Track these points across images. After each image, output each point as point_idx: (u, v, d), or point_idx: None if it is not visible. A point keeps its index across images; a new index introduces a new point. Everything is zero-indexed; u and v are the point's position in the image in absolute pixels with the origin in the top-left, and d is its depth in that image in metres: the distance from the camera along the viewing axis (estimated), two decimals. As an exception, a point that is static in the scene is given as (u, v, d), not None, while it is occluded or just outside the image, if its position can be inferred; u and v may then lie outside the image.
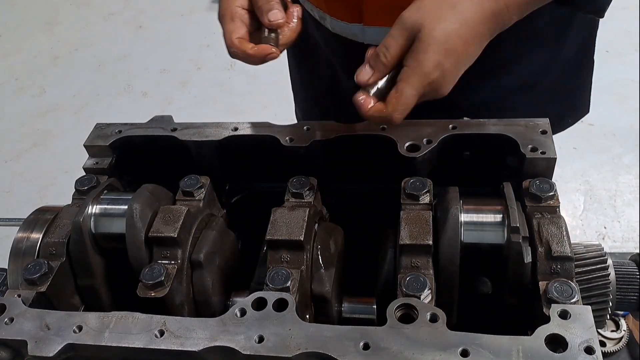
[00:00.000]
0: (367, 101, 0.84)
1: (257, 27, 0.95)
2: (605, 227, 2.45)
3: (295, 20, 0.96)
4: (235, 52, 0.93)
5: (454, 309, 0.82)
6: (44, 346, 0.71)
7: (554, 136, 0.93)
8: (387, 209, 0.91)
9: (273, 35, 0.94)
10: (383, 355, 0.65)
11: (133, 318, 0.73)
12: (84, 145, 1.07)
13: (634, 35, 3.45)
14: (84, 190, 0.98)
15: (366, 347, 0.66)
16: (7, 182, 3.17)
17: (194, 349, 0.69)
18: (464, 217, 0.84)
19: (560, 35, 1.19)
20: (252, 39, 0.94)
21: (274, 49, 0.92)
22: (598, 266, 0.84)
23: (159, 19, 4.24)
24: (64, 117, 3.62)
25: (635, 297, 0.87)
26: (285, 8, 0.96)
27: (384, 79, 0.85)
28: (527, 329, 0.66)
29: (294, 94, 1.60)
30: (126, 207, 0.89)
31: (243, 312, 0.72)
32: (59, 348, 0.71)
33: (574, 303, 0.71)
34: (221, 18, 0.96)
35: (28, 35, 4.45)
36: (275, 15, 0.92)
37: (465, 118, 0.99)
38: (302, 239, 0.82)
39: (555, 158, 0.90)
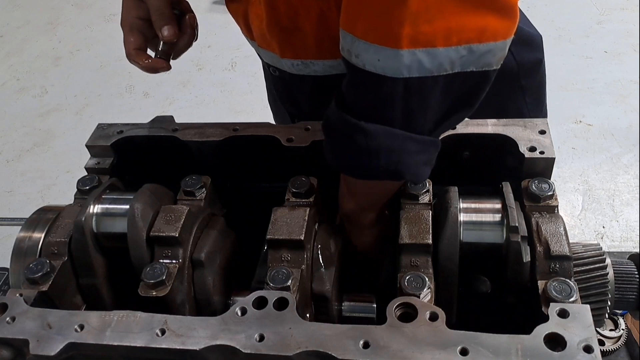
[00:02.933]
0: None
1: (155, 34, 1.03)
2: (603, 227, 2.45)
3: (189, 31, 1.05)
4: (132, 62, 1.04)
5: (454, 307, 0.82)
6: (46, 345, 0.72)
7: (552, 136, 0.94)
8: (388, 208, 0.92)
9: (165, 48, 1.03)
10: (383, 353, 0.65)
11: (134, 317, 0.73)
12: (86, 145, 1.07)
13: (633, 36, 3.45)
14: (86, 190, 0.99)
15: (366, 345, 0.66)
16: (8, 181, 3.17)
17: (195, 348, 0.69)
18: (463, 217, 0.84)
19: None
20: (151, 45, 1.05)
21: (164, 64, 1.03)
22: (596, 265, 0.84)
23: (159, 20, 4.23)
24: (66, 117, 3.62)
25: (633, 296, 0.88)
26: (182, 15, 1.04)
27: None
28: (526, 328, 0.67)
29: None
30: (128, 206, 0.89)
31: (244, 311, 0.72)
32: (61, 347, 0.71)
33: (573, 302, 0.72)
34: (122, 27, 1.04)
35: (30, 36, 4.46)
36: (168, 30, 1.00)
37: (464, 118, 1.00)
38: (302, 238, 0.82)
39: (554, 158, 0.90)
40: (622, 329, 1.19)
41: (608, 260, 0.86)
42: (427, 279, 0.76)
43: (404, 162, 0.75)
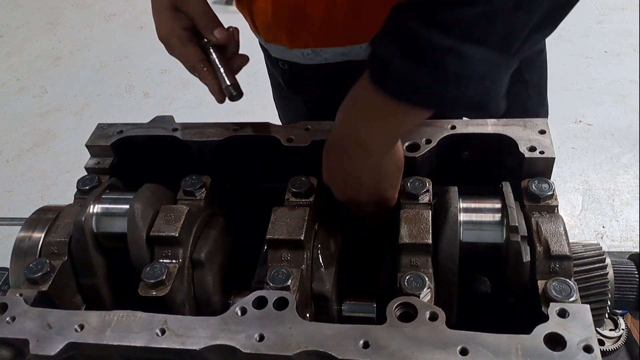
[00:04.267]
0: None
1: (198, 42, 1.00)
2: (603, 227, 2.45)
3: (235, 38, 1.01)
4: (199, 76, 1.00)
5: (454, 307, 0.82)
6: (46, 345, 0.72)
7: (552, 136, 0.94)
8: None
9: (231, 87, 1.01)
10: (383, 353, 0.65)
11: (134, 317, 0.73)
12: (86, 145, 1.07)
13: (633, 36, 3.45)
14: (86, 190, 0.98)
15: (366, 345, 0.66)
16: (8, 181, 3.17)
17: (195, 348, 0.69)
18: (463, 217, 0.84)
19: None
20: None
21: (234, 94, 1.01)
22: (596, 265, 0.84)
23: (159, 20, 4.23)
24: (66, 117, 3.62)
25: (633, 296, 0.88)
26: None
27: None
28: (526, 328, 0.67)
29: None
30: (128, 206, 0.89)
31: (244, 311, 0.72)
32: (61, 347, 0.71)
33: (573, 302, 0.72)
34: (166, 40, 1.00)
35: (30, 36, 4.45)
36: (220, 32, 0.97)
37: (464, 118, 1.00)
38: (302, 238, 0.82)
39: (554, 158, 0.90)
40: (622, 329, 1.19)
41: (608, 260, 0.86)
42: (427, 279, 0.76)
43: (493, 91, 0.66)
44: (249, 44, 1.15)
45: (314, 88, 1.16)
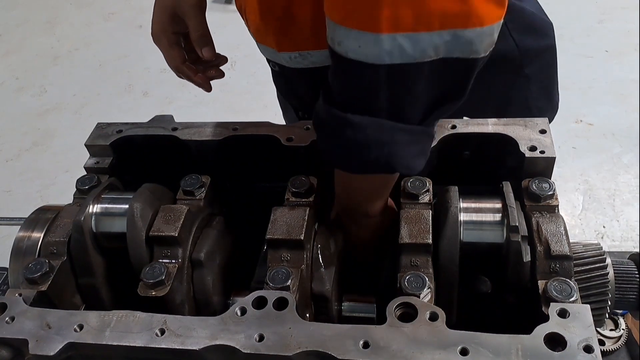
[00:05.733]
0: None
1: (189, 49, 1.11)
2: (604, 227, 2.45)
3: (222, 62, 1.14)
4: (181, 75, 1.12)
5: (454, 307, 0.82)
6: (45, 345, 0.72)
7: (553, 135, 0.94)
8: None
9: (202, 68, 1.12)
10: (383, 353, 0.65)
11: (134, 317, 0.73)
12: (85, 145, 1.07)
13: (634, 35, 3.45)
14: (85, 190, 0.98)
15: (366, 345, 0.66)
16: (7, 181, 3.16)
17: (194, 348, 0.69)
18: (463, 217, 0.84)
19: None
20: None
21: (209, 81, 1.13)
22: (597, 265, 0.84)
23: (159, 19, 4.22)
24: (65, 117, 3.61)
25: (634, 296, 0.87)
26: None
27: None
28: (526, 328, 0.67)
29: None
30: (127, 206, 0.89)
31: (243, 311, 0.72)
32: (60, 347, 0.71)
33: (573, 302, 0.71)
34: (157, 38, 1.10)
35: (28, 35, 4.45)
36: (209, 52, 1.07)
37: (464, 118, 1.00)
38: (302, 238, 0.82)
39: (555, 157, 0.90)
40: (623, 329, 1.18)
41: (608, 260, 0.86)
42: (427, 279, 0.76)
43: (395, 154, 0.74)
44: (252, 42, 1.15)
45: (302, 92, 1.18)
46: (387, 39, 0.64)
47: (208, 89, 1.16)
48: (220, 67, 1.18)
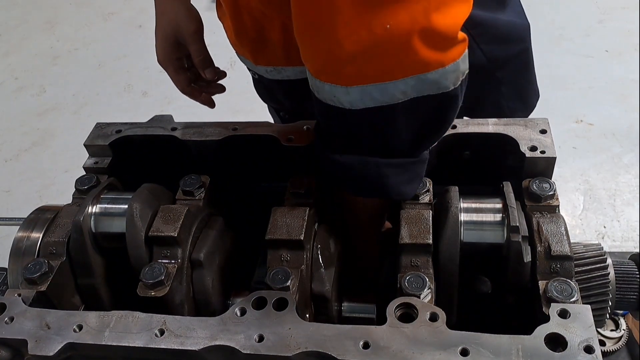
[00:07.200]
0: None
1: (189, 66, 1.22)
2: (604, 227, 2.45)
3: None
4: (189, 96, 1.25)
5: (454, 308, 0.82)
6: (44, 345, 0.71)
7: (553, 135, 0.94)
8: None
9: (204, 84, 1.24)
10: (383, 354, 0.65)
11: (133, 317, 0.73)
12: (84, 145, 1.07)
13: (634, 35, 3.45)
14: (84, 190, 0.98)
15: (366, 346, 0.66)
16: (6, 181, 3.16)
17: (194, 348, 0.69)
18: (463, 217, 0.84)
19: None
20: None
21: (212, 99, 1.28)
22: (597, 265, 0.84)
23: (158, 19, 4.22)
24: (64, 117, 3.61)
25: (634, 297, 0.87)
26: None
27: None
28: (526, 328, 0.66)
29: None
30: (126, 206, 0.89)
31: (243, 312, 0.72)
32: (59, 347, 0.71)
33: (574, 302, 0.71)
34: (164, 65, 1.20)
35: (28, 35, 4.44)
36: (211, 73, 1.18)
37: (465, 118, 0.99)
38: (302, 238, 0.82)
39: (555, 157, 0.90)
40: (623, 330, 1.18)
41: (609, 261, 0.85)
42: (427, 279, 0.75)
43: (385, 185, 0.79)
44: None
45: (281, 100, 1.25)
46: (356, 90, 0.70)
47: (212, 106, 1.29)
48: (220, 68, 1.21)
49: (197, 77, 1.23)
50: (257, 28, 1.01)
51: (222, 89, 1.28)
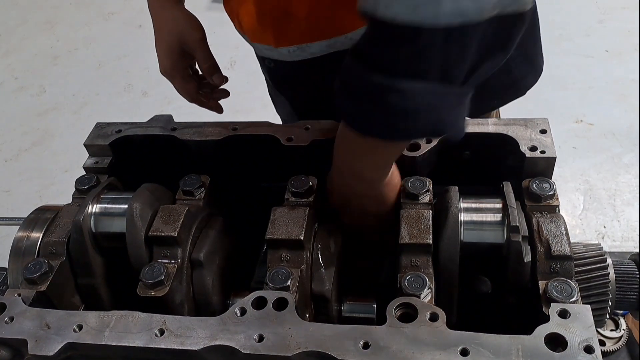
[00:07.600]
0: None
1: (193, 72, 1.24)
2: (604, 227, 2.45)
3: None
4: (198, 104, 1.26)
5: (454, 308, 0.82)
6: (44, 345, 0.71)
7: (553, 135, 0.94)
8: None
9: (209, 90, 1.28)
10: (383, 354, 0.65)
11: (133, 317, 0.73)
12: (84, 145, 1.07)
13: (634, 35, 3.45)
14: (84, 190, 0.98)
15: (366, 346, 0.66)
16: (6, 181, 3.16)
17: (194, 348, 0.69)
18: (463, 217, 0.84)
19: None
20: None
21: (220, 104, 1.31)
22: (597, 265, 0.84)
23: (158, 18, 4.22)
24: (64, 117, 3.61)
25: (634, 297, 0.87)
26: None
27: None
28: (526, 328, 0.66)
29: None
30: (126, 206, 0.89)
31: (243, 312, 0.72)
32: (59, 347, 0.71)
33: (574, 302, 0.71)
34: (170, 76, 1.19)
35: (28, 35, 4.45)
36: (219, 78, 1.20)
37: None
38: (302, 238, 0.82)
39: (555, 157, 0.90)
40: (623, 330, 1.18)
41: (609, 260, 0.85)
42: (427, 279, 0.75)
43: (444, 119, 0.69)
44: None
45: (300, 85, 1.21)
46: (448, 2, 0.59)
47: (220, 111, 1.31)
48: (220, 68, 1.21)
49: (200, 84, 1.24)
50: (283, 5, 0.98)
51: (226, 93, 1.29)
